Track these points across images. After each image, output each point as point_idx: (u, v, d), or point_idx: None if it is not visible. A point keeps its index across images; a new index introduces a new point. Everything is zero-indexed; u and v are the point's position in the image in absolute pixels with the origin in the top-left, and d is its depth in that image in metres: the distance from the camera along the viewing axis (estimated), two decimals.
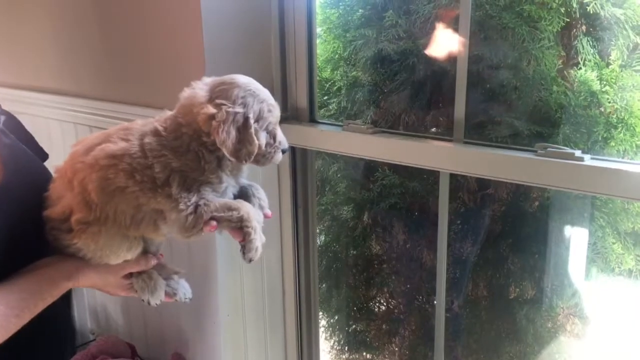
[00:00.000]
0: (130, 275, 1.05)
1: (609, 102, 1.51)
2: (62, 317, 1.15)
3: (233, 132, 0.89)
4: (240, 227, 0.93)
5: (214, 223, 0.91)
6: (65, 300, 1.16)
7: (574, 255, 1.78)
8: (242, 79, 0.96)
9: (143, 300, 1.07)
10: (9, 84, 1.98)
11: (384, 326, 2.20)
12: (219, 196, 0.94)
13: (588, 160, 1.17)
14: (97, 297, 1.91)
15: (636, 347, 1.73)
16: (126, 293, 1.07)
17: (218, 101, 0.91)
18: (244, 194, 0.99)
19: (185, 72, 1.46)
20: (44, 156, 1.14)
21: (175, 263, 1.61)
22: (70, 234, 0.96)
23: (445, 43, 1.69)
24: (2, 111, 1.09)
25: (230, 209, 0.92)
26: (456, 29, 1.36)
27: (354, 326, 2.28)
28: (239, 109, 0.91)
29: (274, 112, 0.97)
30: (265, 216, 0.99)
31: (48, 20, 1.79)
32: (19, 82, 1.94)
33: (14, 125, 1.11)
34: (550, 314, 1.85)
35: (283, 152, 1.00)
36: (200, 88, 0.94)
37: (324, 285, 2.26)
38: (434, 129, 1.83)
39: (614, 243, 1.67)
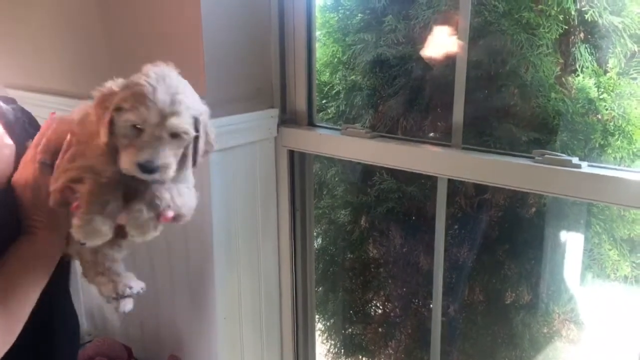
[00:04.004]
0: None
1: (607, 110, 1.52)
2: (70, 313, 1.16)
3: None
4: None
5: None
6: (69, 296, 1.17)
7: (570, 261, 1.79)
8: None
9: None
10: (12, 85, 1.98)
11: (380, 330, 2.21)
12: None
13: (585, 167, 1.18)
14: (93, 299, 1.90)
15: (631, 353, 1.73)
16: None
17: None
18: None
19: (184, 75, 1.46)
20: None
21: (173, 265, 1.62)
22: None
23: (444, 48, 1.69)
24: (18, 107, 1.09)
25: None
26: (455, 35, 1.36)
27: (350, 329, 2.28)
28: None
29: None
30: (163, 217, 0.92)
31: (50, 22, 1.79)
32: (22, 83, 1.94)
33: (27, 115, 1.11)
34: (546, 319, 1.86)
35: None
36: None
37: (320, 289, 2.26)
38: (432, 134, 1.84)
39: (610, 249, 1.68)
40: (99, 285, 1.02)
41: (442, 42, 1.69)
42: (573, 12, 1.51)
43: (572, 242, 1.78)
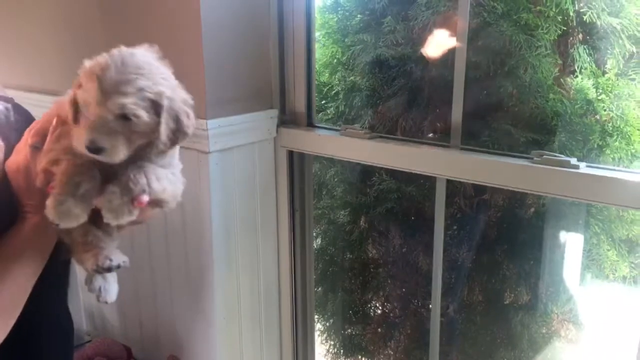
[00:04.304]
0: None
1: (605, 110, 1.52)
2: (69, 317, 1.16)
3: None
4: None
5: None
6: (64, 297, 1.17)
7: (568, 261, 1.79)
8: None
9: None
10: (12, 85, 1.98)
11: (379, 330, 2.21)
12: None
13: (583, 168, 1.18)
14: (93, 299, 1.91)
15: (629, 354, 1.73)
16: None
17: None
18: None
19: (184, 76, 1.47)
20: None
21: (172, 266, 1.62)
22: None
23: (442, 49, 1.70)
24: (12, 106, 1.08)
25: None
26: (454, 36, 1.37)
27: (349, 330, 2.28)
28: None
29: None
30: (137, 202, 0.86)
31: (50, 22, 1.80)
32: (21, 83, 1.95)
33: (24, 115, 1.10)
34: (545, 320, 1.86)
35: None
36: None
37: (320, 289, 2.26)
38: (431, 135, 1.84)
39: (608, 250, 1.69)
40: (84, 263, 0.98)
41: (441, 43, 1.69)
42: (571, 13, 1.51)
43: (570, 243, 1.78)
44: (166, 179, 0.92)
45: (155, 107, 0.85)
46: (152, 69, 0.87)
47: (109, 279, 1.03)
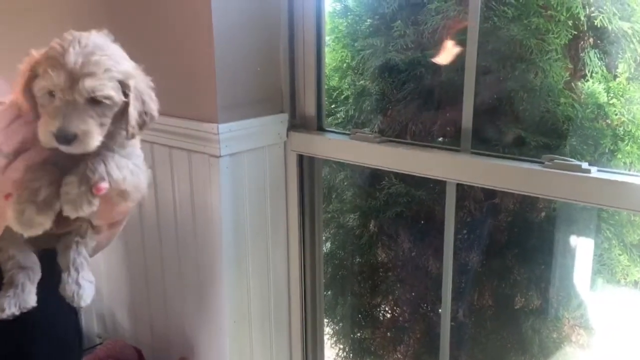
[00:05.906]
0: None
1: (616, 115, 1.52)
2: (68, 322, 1.15)
3: None
4: None
5: None
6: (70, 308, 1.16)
7: (579, 266, 1.78)
8: None
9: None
10: None
11: (389, 334, 2.20)
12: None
13: (595, 172, 1.18)
14: (104, 301, 1.92)
15: None
16: None
17: None
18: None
19: (195, 80, 1.48)
20: None
21: (182, 269, 1.63)
22: None
23: (452, 54, 1.70)
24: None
25: None
26: (464, 40, 1.37)
27: (359, 334, 2.28)
28: None
29: None
30: (96, 189, 0.80)
31: (59, 25, 1.81)
32: None
33: None
34: (556, 325, 1.85)
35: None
36: None
37: (329, 293, 2.26)
38: (440, 139, 1.84)
39: (620, 255, 1.68)
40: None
41: (451, 48, 1.70)
42: (582, 18, 1.51)
43: (581, 247, 1.77)
44: (126, 168, 0.86)
45: (123, 87, 0.80)
46: (112, 49, 0.82)
47: (82, 284, 0.95)
